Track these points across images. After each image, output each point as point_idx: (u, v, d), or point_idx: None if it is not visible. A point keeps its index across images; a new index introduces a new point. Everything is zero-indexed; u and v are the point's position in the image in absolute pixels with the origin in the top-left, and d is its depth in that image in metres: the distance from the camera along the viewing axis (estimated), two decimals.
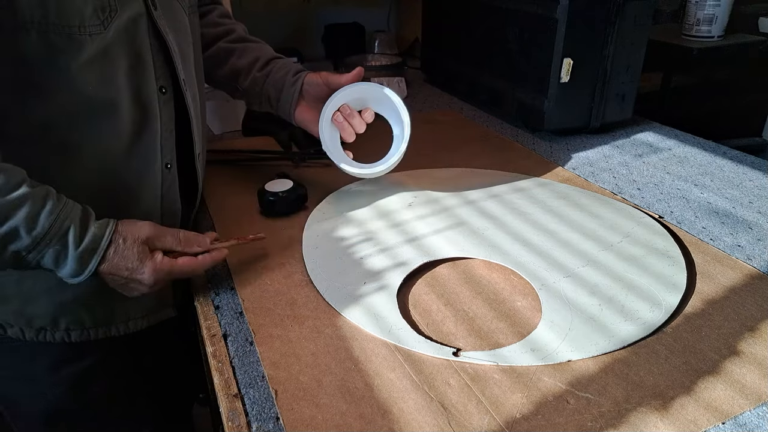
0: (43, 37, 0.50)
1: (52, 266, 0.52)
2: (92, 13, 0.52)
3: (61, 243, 0.51)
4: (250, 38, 0.82)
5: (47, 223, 0.50)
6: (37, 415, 0.71)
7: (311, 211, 0.76)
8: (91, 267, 0.53)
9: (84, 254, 0.52)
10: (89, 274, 0.53)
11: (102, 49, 0.53)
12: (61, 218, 0.51)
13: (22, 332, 0.63)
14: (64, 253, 0.52)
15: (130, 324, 0.67)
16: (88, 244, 0.52)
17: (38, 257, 0.51)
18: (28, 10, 0.48)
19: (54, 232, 0.51)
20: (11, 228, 0.49)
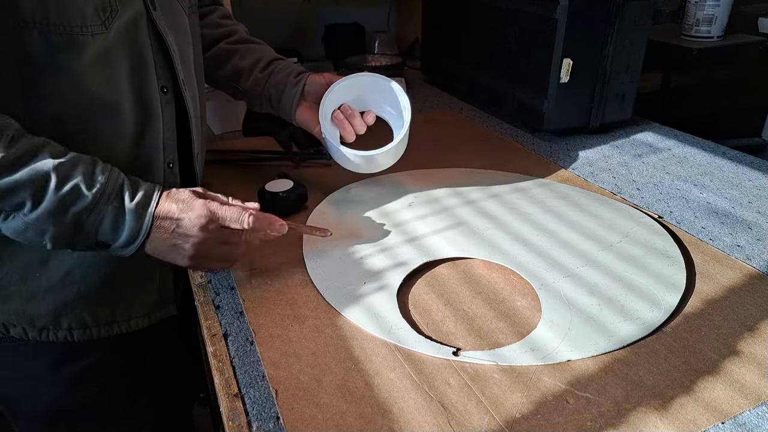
0: (44, 38, 0.50)
1: (109, 231, 0.53)
2: (93, 13, 0.52)
3: (118, 199, 0.53)
4: (251, 39, 0.82)
5: (103, 179, 0.52)
6: (38, 414, 0.71)
7: (311, 211, 0.76)
8: (147, 220, 0.53)
9: (138, 207, 0.53)
10: (146, 230, 0.53)
11: (104, 49, 0.53)
12: (114, 175, 0.53)
13: (24, 332, 0.63)
14: (122, 212, 0.53)
15: (131, 323, 0.67)
16: (140, 197, 0.54)
17: (97, 220, 0.52)
18: (29, 10, 0.48)
19: (111, 188, 0.52)
20: (73, 186, 0.50)
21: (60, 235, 0.52)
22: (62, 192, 0.50)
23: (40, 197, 0.50)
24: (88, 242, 0.53)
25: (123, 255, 0.55)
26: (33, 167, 0.49)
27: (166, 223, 0.54)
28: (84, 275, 0.62)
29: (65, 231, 0.51)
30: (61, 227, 0.51)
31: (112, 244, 0.54)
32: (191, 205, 0.55)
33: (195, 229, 0.54)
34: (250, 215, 0.56)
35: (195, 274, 0.65)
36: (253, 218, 0.56)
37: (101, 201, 0.52)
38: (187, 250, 0.55)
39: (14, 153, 0.49)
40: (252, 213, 0.57)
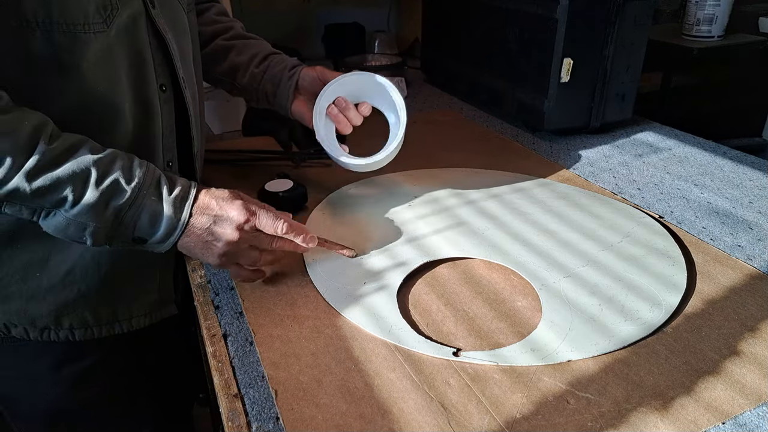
0: (47, 37, 0.50)
1: (148, 225, 0.53)
2: (95, 11, 0.52)
3: (156, 193, 0.53)
4: (248, 35, 0.82)
5: (141, 173, 0.53)
6: (38, 414, 0.71)
7: (311, 211, 0.76)
8: (185, 213, 0.54)
9: (176, 200, 0.54)
10: (184, 224, 0.54)
11: (105, 47, 0.54)
12: (151, 170, 0.54)
13: (26, 332, 0.63)
14: (160, 206, 0.53)
15: (132, 322, 0.67)
16: (178, 191, 0.54)
17: (137, 214, 0.52)
18: (31, 9, 0.48)
19: (149, 182, 0.53)
20: (113, 181, 0.51)
21: (100, 230, 0.52)
22: (103, 186, 0.51)
23: (81, 192, 0.50)
24: (126, 237, 0.54)
25: (158, 251, 0.56)
26: (74, 162, 0.50)
27: (203, 219, 0.55)
28: (84, 275, 0.62)
29: (105, 226, 0.52)
30: (101, 222, 0.51)
31: (149, 239, 0.54)
32: (231, 203, 0.55)
33: (231, 228, 0.55)
34: (284, 222, 0.56)
35: (195, 274, 0.65)
36: (287, 226, 0.57)
37: (140, 195, 0.52)
38: (219, 248, 0.55)
39: (55, 149, 0.49)
40: (286, 221, 0.57)
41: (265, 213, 0.56)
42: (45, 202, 0.50)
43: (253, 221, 0.56)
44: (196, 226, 0.55)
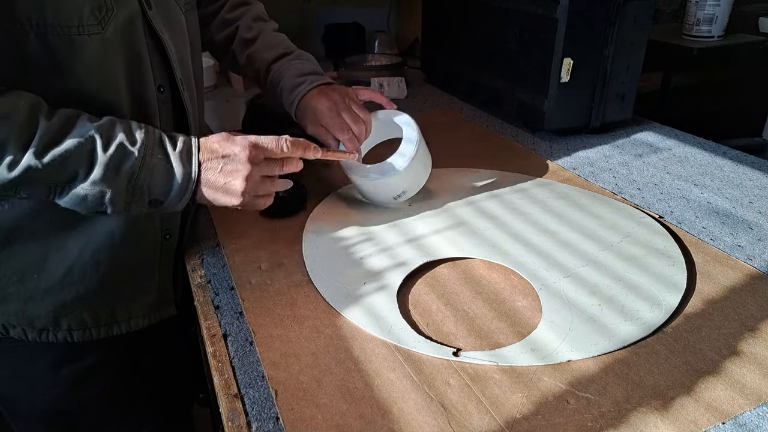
0: (42, 39, 0.50)
1: (161, 184, 0.55)
2: (89, 13, 0.52)
3: (162, 151, 0.55)
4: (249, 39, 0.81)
5: (143, 134, 0.54)
6: (37, 414, 0.71)
7: (311, 211, 0.76)
8: (194, 164, 0.56)
9: (182, 153, 0.55)
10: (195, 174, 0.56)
11: (101, 49, 0.53)
12: (150, 130, 0.55)
13: (24, 333, 0.63)
14: (168, 162, 0.55)
15: (131, 323, 0.67)
16: (181, 145, 0.56)
17: (149, 175, 0.54)
18: (25, 11, 0.48)
19: (152, 142, 0.54)
20: (118, 145, 0.52)
21: (118, 196, 0.53)
22: (110, 152, 0.52)
23: (90, 162, 0.51)
24: (143, 201, 0.55)
25: (177, 209, 0.57)
26: (76, 133, 0.51)
27: (214, 164, 0.56)
28: (83, 276, 0.62)
29: (121, 191, 0.53)
30: (116, 188, 0.53)
31: (165, 199, 0.56)
32: (232, 141, 0.58)
33: (243, 162, 0.57)
34: (286, 140, 0.59)
35: (195, 274, 0.65)
36: (290, 142, 0.60)
37: (147, 155, 0.54)
38: (238, 186, 0.57)
39: (55, 124, 0.50)
40: (287, 138, 0.59)
41: (265, 139, 0.59)
42: (59, 177, 0.51)
43: (260, 152, 0.58)
44: (208, 172, 0.56)
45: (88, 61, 0.53)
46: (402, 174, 0.70)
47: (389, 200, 0.74)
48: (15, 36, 0.49)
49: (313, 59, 0.81)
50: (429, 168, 0.76)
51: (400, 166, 0.70)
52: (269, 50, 0.78)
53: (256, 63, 0.78)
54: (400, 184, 0.72)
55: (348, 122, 0.71)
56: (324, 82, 0.75)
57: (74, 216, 0.59)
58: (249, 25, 0.80)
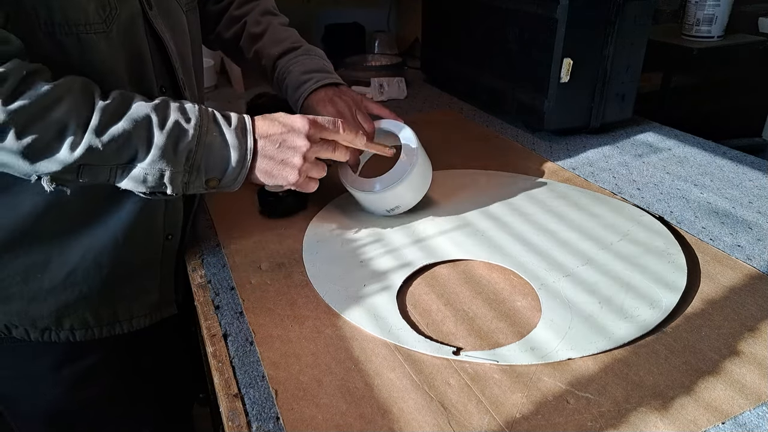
0: (50, 39, 0.50)
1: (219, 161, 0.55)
2: (94, 12, 0.52)
3: (217, 128, 0.55)
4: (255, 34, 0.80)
5: (196, 111, 0.54)
6: (38, 414, 0.71)
7: (311, 211, 0.76)
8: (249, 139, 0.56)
9: (237, 130, 0.55)
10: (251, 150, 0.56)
11: (106, 49, 0.54)
12: (203, 108, 0.55)
13: (26, 332, 0.63)
14: (224, 139, 0.54)
15: (133, 322, 0.67)
16: (236, 122, 0.56)
17: (205, 153, 0.54)
18: (33, 10, 0.48)
19: (205, 120, 0.54)
20: (174, 123, 0.52)
21: (177, 175, 0.53)
22: (166, 129, 0.52)
23: (149, 140, 0.51)
24: (200, 180, 0.55)
25: (233, 188, 0.57)
26: (133, 112, 0.51)
27: (270, 141, 0.56)
28: (86, 276, 0.62)
29: (180, 170, 0.53)
30: (176, 166, 0.53)
31: (222, 176, 0.56)
32: (290, 118, 0.58)
33: (302, 139, 0.57)
34: (338, 121, 0.60)
35: (195, 274, 0.65)
36: (342, 125, 0.60)
37: (202, 133, 0.54)
38: (297, 162, 0.57)
39: (111, 104, 0.51)
40: (338, 120, 0.61)
41: (322, 118, 0.59)
42: (119, 157, 0.51)
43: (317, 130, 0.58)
44: (266, 149, 0.56)
45: (95, 60, 0.53)
46: (394, 191, 0.69)
47: (383, 212, 0.74)
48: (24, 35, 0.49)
49: (322, 54, 0.80)
50: (428, 183, 0.75)
51: (393, 183, 0.69)
52: (276, 45, 0.77)
53: (263, 59, 0.77)
54: (393, 200, 0.71)
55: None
56: (330, 81, 0.75)
57: (78, 218, 0.59)
58: (257, 20, 0.79)
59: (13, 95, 0.46)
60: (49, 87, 0.48)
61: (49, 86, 0.48)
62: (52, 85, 0.48)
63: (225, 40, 0.80)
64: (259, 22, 0.79)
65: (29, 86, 0.47)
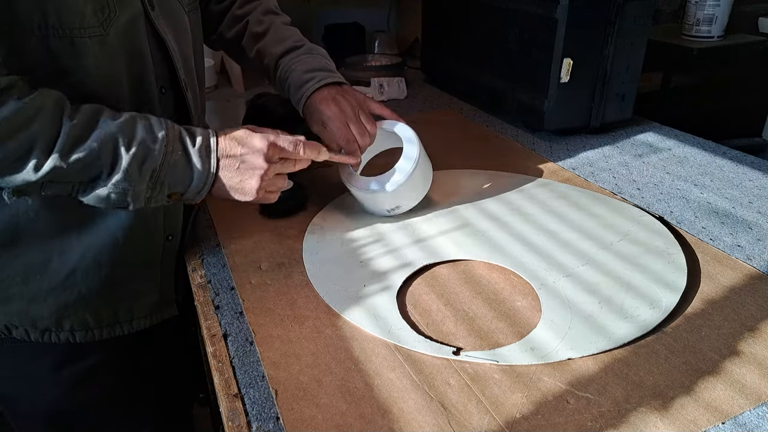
0: (43, 42, 0.50)
1: (181, 179, 0.55)
2: (91, 15, 0.52)
3: (182, 146, 0.55)
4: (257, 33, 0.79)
5: (162, 130, 0.54)
6: (38, 414, 0.71)
7: (311, 211, 0.76)
8: (212, 160, 0.56)
9: (201, 149, 0.56)
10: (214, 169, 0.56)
11: (103, 51, 0.53)
12: (170, 125, 0.55)
13: (26, 333, 0.63)
14: (188, 158, 0.55)
15: (133, 323, 0.67)
16: (201, 140, 0.56)
17: (169, 171, 0.54)
18: (26, 14, 0.48)
19: (172, 138, 0.55)
20: (140, 141, 0.53)
21: (139, 192, 0.54)
22: (132, 151, 0.52)
23: (113, 160, 0.52)
24: (163, 195, 0.56)
25: (195, 201, 0.58)
26: (99, 132, 0.51)
27: (231, 162, 0.57)
28: (86, 277, 0.62)
29: (143, 187, 0.54)
30: (138, 185, 0.53)
31: (184, 192, 0.56)
32: (251, 138, 0.58)
33: (260, 161, 0.58)
34: (299, 143, 0.61)
35: (195, 274, 0.65)
36: (303, 145, 0.61)
37: (168, 152, 0.54)
38: (254, 184, 0.58)
39: (78, 124, 0.51)
40: (303, 140, 0.62)
41: (284, 138, 0.60)
42: (83, 176, 0.52)
43: (275, 151, 0.59)
44: (225, 169, 0.57)
45: (89, 63, 0.53)
46: (395, 191, 0.69)
47: (383, 212, 0.74)
48: (16, 39, 0.48)
49: (324, 53, 0.79)
50: (428, 184, 0.75)
51: (394, 182, 0.69)
52: (278, 44, 0.77)
53: (266, 58, 0.77)
54: (394, 200, 0.71)
55: (355, 134, 0.71)
56: (333, 80, 0.74)
57: (77, 218, 0.59)
58: (259, 19, 0.79)
59: None
60: (18, 106, 0.47)
61: (18, 105, 0.47)
62: (21, 104, 0.48)
63: (227, 39, 0.80)
64: (261, 21, 0.79)
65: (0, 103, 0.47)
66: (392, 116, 0.76)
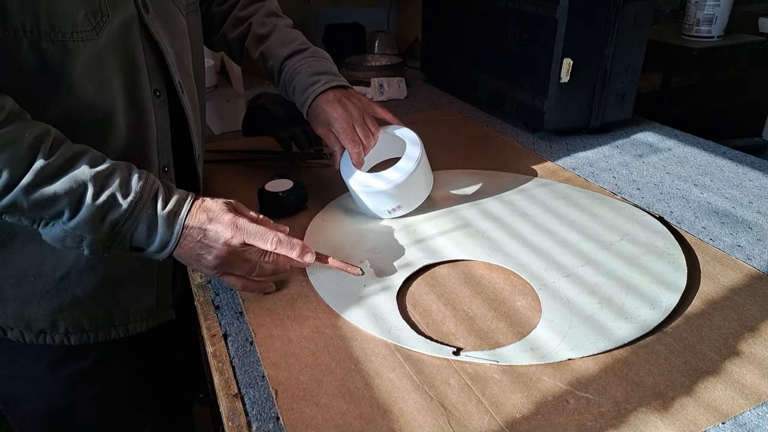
0: (35, 46, 0.49)
1: (144, 237, 0.54)
2: (84, 19, 0.51)
3: (152, 206, 0.54)
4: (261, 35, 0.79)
5: (138, 188, 0.53)
6: (37, 414, 0.71)
7: (312, 212, 0.76)
8: (177, 228, 0.54)
9: (170, 215, 0.54)
10: (177, 237, 0.54)
11: (96, 55, 0.53)
12: (149, 182, 0.54)
13: (22, 335, 0.63)
14: (155, 219, 0.53)
15: (129, 327, 0.67)
16: (172, 206, 0.54)
17: (133, 227, 0.53)
18: (18, 17, 0.48)
19: (146, 195, 0.53)
20: (109, 195, 0.51)
21: (97, 241, 0.52)
22: (99, 201, 0.51)
23: (77, 207, 0.50)
24: (123, 247, 0.54)
25: (157, 258, 0.56)
26: (71, 177, 0.50)
27: (194, 232, 0.55)
28: (80, 280, 0.61)
29: (102, 238, 0.52)
30: (98, 234, 0.52)
31: (146, 248, 0.55)
32: (220, 217, 0.55)
33: (219, 242, 0.55)
34: (275, 236, 0.56)
35: (195, 274, 0.65)
36: (277, 240, 0.56)
37: (136, 209, 0.52)
38: (210, 261, 0.56)
39: (53, 163, 0.49)
40: (276, 236, 0.56)
41: (254, 228, 0.55)
42: (43, 214, 0.51)
43: (240, 237, 0.55)
44: (188, 239, 0.55)
45: (82, 67, 0.52)
46: (397, 187, 0.69)
47: (383, 213, 0.73)
48: (7, 43, 0.48)
49: (328, 57, 0.79)
50: (428, 188, 0.75)
51: (396, 179, 0.69)
52: (283, 46, 0.77)
53: (270, 59, 0.77)
54: (394, 199, 0.71)
55: (360, 136, 0.71)
56: (339, 83, 0.74)
57: None
58: (262, 21, 0.79)
59: None
60: None
61: None
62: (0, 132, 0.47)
63: (229, 40, 0.80)
64: (264, 23, 0.79)
65: None
66: (395, 122, 0.76)
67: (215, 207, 0.56)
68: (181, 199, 0.55)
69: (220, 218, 0.55)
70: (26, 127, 0.49)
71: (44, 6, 0.48)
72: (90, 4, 0.51)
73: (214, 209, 0.56)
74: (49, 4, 0.48)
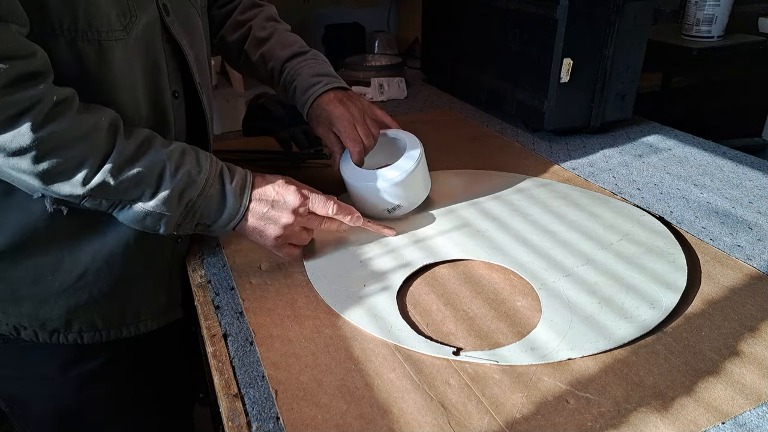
0: (71, 45, 0.50)
1: (213, 212, 0.57)
2: (116, 19, 0.52)
3: (220, 182, 0.58)
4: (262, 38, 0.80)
5: (207, 164, 0.57)
6: (45, 415, 0.71)
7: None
8: (245, 200, 0.58)
9: (237, 188, 0.58)
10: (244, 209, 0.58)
11: (125, 55, 0.54)
12: (214, 161, 0.58)
13: (35, 334, 0.63)
14: (223, 193, 0.57)
15: (140, 325, 0.68)
16: (238, 179, 0.58)
17: (204, 204, 0.56)
18: (57, 17, 0.48)
19: (214, 172, 0.57)
20: (185, 173, 0.55)
21: (173, 219, 0.55)
22: (177, 178, 0.54)
23: (158, 185, 0.53)
24: (191, 223, 0.57)
25: (219, 234, 0.60)
26: (150, 156, 0.53)
27: (261, 205, 0.59)
28: (97, 278, 0.62)
29: (178, 215, 0.55)
30: (175, 211, 0.55)
31: (212, 224, 0.58)
32: (287, 188, 0.59)
33: (288, 212, 0.59)
34: (334, 204, 0.62)
35: (195, 274, 0.65)
36: (337, 207, 0.62)
37: (206, 185, 0.56)
38: (275, 231, 0.60)
39: (131, 144, 0.52)
40: (335, 203, 0.62)
41: (317, 196, 0.61)
42: (126, 196, 0.53)
43: (307, 204, 0.60)
44: (254, 211, 0.58)
45: (113, 67, 0.53)
46: (397, 185, 0.69)
47: (382, 212, 0.73)
48: (45, 41, 0.48)
49: (327, 61, 0.81)
50: (427, 189, 0.75)
51: (396, 176, 0.69)
52: (284, 48, 0.78)
53: (270, 61, 0.78)
54: (394, 197, 0.70)
55: (361, 135, 0.72)
56: (340, 85, 0.76)
57: (89, 220, 0.59)
58: (262, 25, 0.80)
59: (44, 121, 0.47)
60: (78, 119, 0.49)
61: (78, 118, 0.49)
62: (80, 117, 0.49)
63: (229, 43, 0.81)
64: (264, 27, 0.80)
65: (59, 114, 0.48)
66: (395, 125, 0.78)
67: (277, 179, 0.60)
68: (243, 174, 0.59)
69: (286, 188, 0.59)
70: (101, 113, 0.51)
71: (82, 4, 0.49)
72: (119, 4, 0.53)
73: (276, 181, 0.60)
74: (88, 2, 0.49)
